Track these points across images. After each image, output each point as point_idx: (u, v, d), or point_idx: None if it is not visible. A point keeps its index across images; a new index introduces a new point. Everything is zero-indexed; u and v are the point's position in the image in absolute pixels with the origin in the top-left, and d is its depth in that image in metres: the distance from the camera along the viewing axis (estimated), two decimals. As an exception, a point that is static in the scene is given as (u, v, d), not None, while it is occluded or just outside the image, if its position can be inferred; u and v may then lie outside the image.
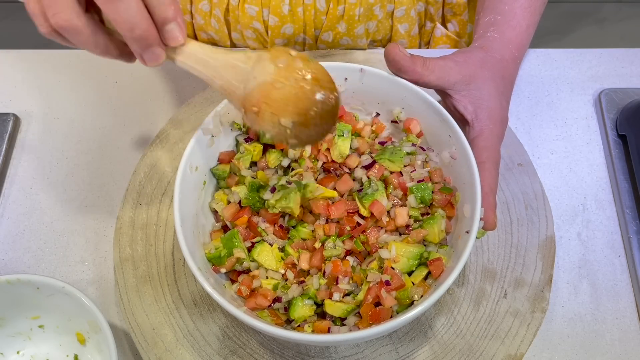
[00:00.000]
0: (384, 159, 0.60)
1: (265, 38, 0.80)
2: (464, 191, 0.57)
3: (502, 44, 0.64)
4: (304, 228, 0.59)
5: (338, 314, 0.54)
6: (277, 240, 0.59)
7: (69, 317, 0.59)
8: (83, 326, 0.59)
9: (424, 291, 0.53)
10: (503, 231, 0.66)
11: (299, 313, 0.55)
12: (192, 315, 0.61)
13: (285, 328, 0.54)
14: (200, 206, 0.61)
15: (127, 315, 0.61)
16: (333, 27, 0.78)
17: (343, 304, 0.54)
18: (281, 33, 0.78)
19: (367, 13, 0.79)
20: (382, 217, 0.57)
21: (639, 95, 0.76)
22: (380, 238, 0.57)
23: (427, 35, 0.89)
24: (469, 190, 0.55)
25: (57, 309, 0.59)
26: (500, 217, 0.66)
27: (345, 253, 0.58)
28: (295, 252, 0.58)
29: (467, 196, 0.56)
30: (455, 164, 0.58)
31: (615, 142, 0.73)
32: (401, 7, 0.81)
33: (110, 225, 0.68)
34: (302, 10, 0.76)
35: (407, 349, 0.59)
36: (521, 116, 0.76)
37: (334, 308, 0.54)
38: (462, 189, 0.58)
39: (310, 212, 0.59)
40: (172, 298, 0.62)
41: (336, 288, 0.55)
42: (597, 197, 0.70)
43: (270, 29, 0.78)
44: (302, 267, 0.57)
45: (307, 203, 0.59)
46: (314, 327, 0.55)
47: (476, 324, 0.60)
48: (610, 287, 0.65)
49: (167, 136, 0.72)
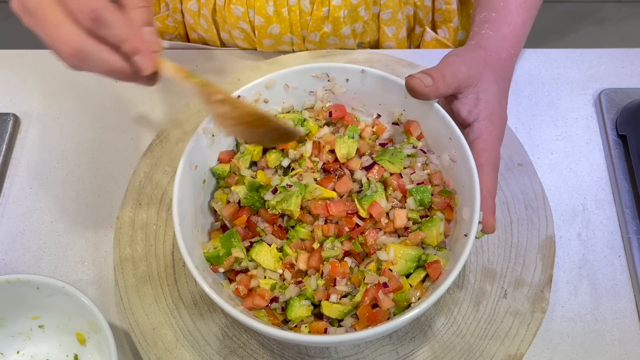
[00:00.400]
0: (384, 160, 0.60)
1: (253, 38, 0.80)
2: (463, 194, 0.57)
3: (497, 41, 0.64)
4: (302, 228, 0.59)
5: (335, 315, 0.54)
6: (275, 240, 0.59)
7: (69, 317, 0.59)
8: (83, 326, 0.59)
9: (422, 294, 0.53)
10: (503, 231, 0.66)
11: (296, 313, 0.55)
12: (192, 315, 0.61)
13: (282, 328, 0.54)
14: (199, 205, 0.61)
15: (127, 315, 0.61)
16: (319, 27, 0.78)
17: (340, 305, 0.54)
18: (268, 33, 0.78)
19: (352, 14, 0.79)
20: (381, 218, 0.57)
21: (639, 95, 0.76)
22: (379, 240, 0.57)
23: (416, 38, 0.89)
24: (468, 193, 0.55)
25: (57, 309, 0.59)
26: (500, 217, 0.66)
27: (344, 254, 0.58)
28: (294, 252, 0.58)
29: (466, 199, 0.56)
30: (455, 166, 0.58)
31: (615, 142, 0.73)
32: (387, 9, 0.81)
33: (110, 225, 0.68)
34: (287, 11, 0.76)
35: (407, 349, 0.59)
36: (521, 116, 0.76)
37: (331, 309, 0.54)
38: (461, 192, 0.58)
39: (309, 212, 0.59)
40: (172, 298, 0.62)
41: (334, 290, 0.55)
42: (597, 197, 0.70)
43: (256, 29, 0.78)
44: (300, 267, 0.57)
45: (306, 203, 0.59)
46: (311, 328, 0.55)
47: (476, 324, 0.60)
48: (610, 287, 0.64)
49: (167, 136, 0.72)
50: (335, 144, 0.62)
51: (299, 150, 0.62)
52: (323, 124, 0.65)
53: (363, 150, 0.63)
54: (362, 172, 0.60)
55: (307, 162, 0.62)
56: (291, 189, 0.59)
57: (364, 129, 0.65)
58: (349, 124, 0.64)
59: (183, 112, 0.74)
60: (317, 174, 0.61)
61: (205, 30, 0.82)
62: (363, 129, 0.65)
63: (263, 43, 0.80)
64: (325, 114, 0.65)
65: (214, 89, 0.52)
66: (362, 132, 0.65)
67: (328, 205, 0.58)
